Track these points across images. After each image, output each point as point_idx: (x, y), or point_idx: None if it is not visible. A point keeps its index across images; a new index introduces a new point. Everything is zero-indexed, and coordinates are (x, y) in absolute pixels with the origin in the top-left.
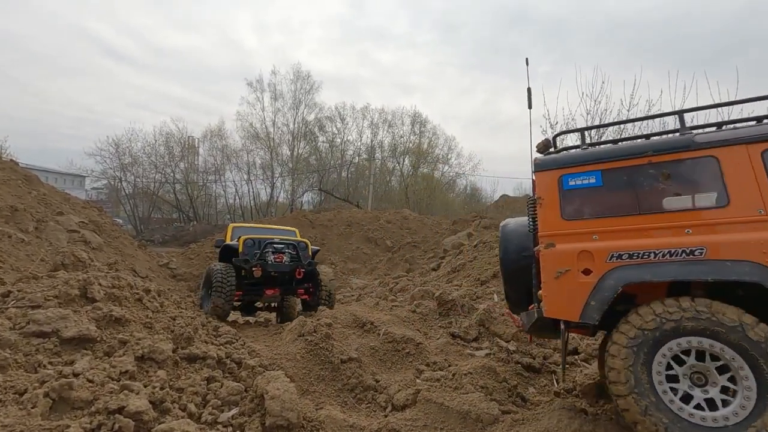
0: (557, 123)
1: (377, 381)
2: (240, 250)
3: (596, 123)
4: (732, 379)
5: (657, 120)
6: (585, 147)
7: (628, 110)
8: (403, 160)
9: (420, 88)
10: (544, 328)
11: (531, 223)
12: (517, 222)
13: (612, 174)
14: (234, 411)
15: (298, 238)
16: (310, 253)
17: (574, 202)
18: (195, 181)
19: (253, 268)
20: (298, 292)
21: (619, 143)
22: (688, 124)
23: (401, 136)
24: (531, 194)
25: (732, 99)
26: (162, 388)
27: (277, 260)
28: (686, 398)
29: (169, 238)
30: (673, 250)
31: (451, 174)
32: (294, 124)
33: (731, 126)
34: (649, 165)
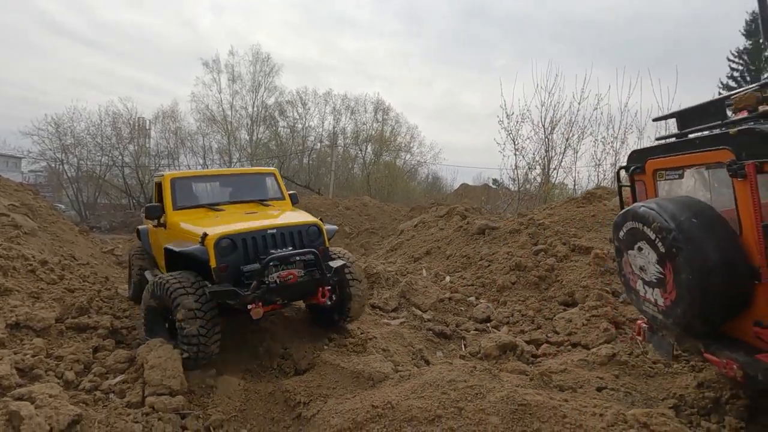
0: (513, 113)
1: (286, 349)
2: (213, 264)
3: (550, 114)
4: None
5: None
6: None
7: (579, 103)
8: (366, 148)
9: (383, 77)
10: None
11: None
12: (707, 220)
13: None
14: (119, 378)
15: (305, 219)
16: (327, 240)
17: None
18: (146, 164)
19: (250, 307)
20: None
21: None
22: None
23: (364, 124)
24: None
25: (671, 96)
26: (35, 356)
27: (287, 279)
28: None
29: (117, 225)
30: None
31: (412, 162)
32: (253, 107)
33: None
34: None
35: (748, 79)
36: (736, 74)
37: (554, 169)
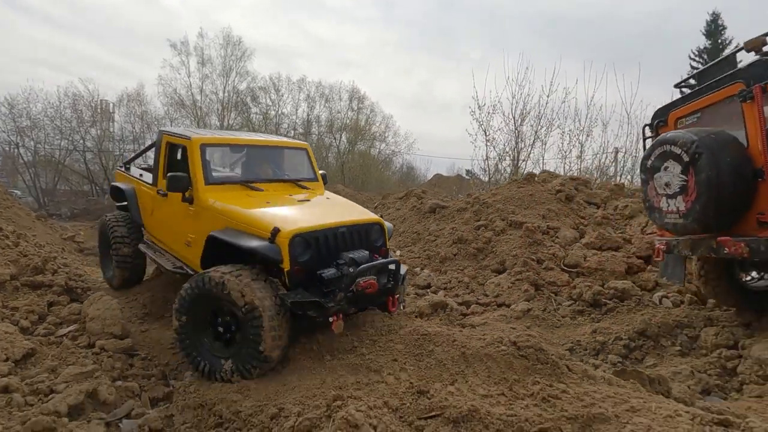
0: (485, 105)
1: None
2: (287, 266)
3: (520, 106)
4: None
5: None
6: None
7: (548, 96)
8: (341, 136)
9: (358, 65)
10: None
11: None
12: (720, 136)
13: None
14: (72, 327)
15: (369, 216)
16: (387, 240)
17: None
18: (110, 150)
19: (331, 320)
20: None
21: None
22: None
23: (339, 112)
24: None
25: (634, 91)
26: None
27: (366, 288)
28: None
29: (79, 212)
30: None
31: (387, 152)
32: (224, 92)
33: None
34: None
35: None
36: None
37: (523, 160)
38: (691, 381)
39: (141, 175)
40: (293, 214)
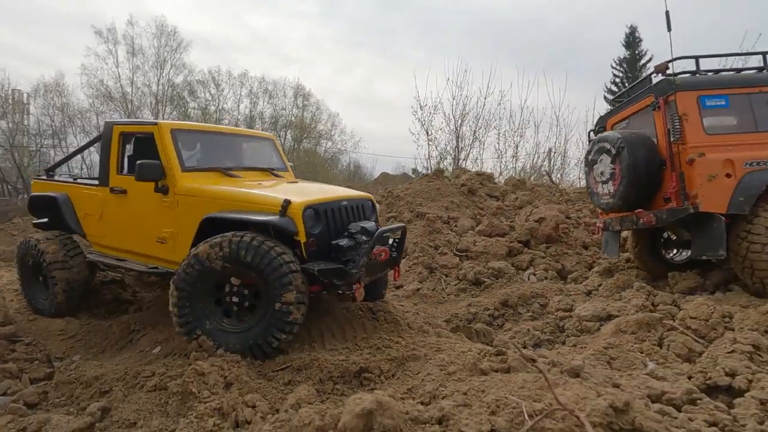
0: (426, 105)
1: (134, 295)
2: (302, 238)
3: (460, 106)
4: None
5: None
6: (702, 72)
7: (485, 98)
8: (286, 134)
9: (299, 60)
10: (680, 221)
11: (675, 135)
12: (638, 135)
13: (736, 98)
14: None
15: (359, 193)
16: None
17: (711, 120)
18: (24, 145)
19: (355, 287)
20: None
21: (741, 73)
22: None
23: (283, 109)
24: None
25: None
26: None
27: (379, 256)
28: None
29: None
30: None
31: (333, 150)
32: (158, 85)
33: None
34: (760, 93)
35: (626, 84)
36: (617, 80)
37: (464, 159)
38: (526, 337)
39: (76, 179)
40: (293, 190)
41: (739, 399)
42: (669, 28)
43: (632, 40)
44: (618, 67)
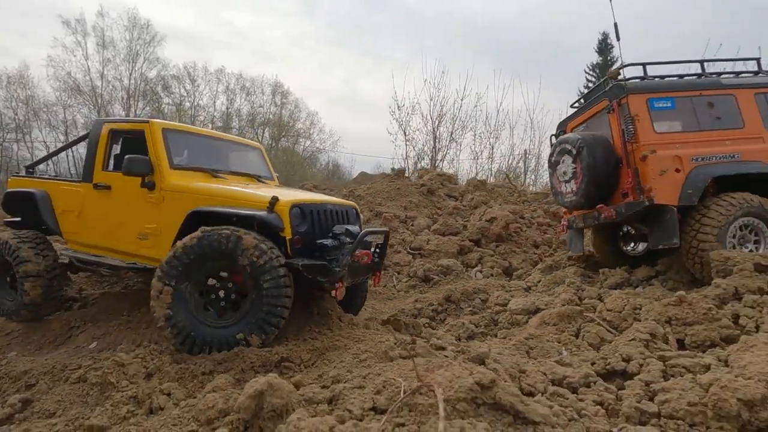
0: (404, 105)
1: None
2: (288, 234)
3: (438, 108)
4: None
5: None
6: (651, 78)
7: (462, 100)
8: (263, 132)
9: (278, 58)
10: (637, 214)
11: (629, 135)
12: (596, 136)
13: (681, 101)
14: None
15: (344, 200)
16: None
17: (660, 120)
18: None
19: (337, 286)
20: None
21: (684, 78)
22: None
23: (261, 106)
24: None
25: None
26: None
27: (361, 259)
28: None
29: None
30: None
31: (312, 149)
32: (130, 80)
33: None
34: (700, 96)
35: None
36: (590, 84)
37: (441, 160)
38: (461, 330)
39: (56, 175)
40: (280, 192)
41: (629, 381)
42: (618, 38)
43: (605, 47)
44: (591, 72)
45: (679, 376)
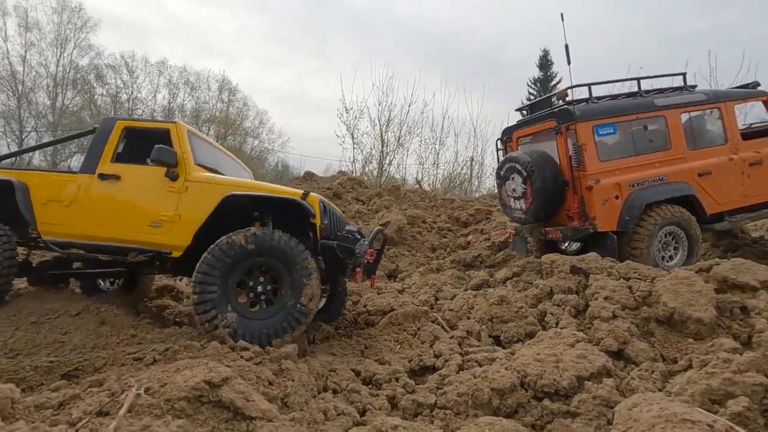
0: (352, 108)
1: None
2: (319, 221)
3: (386, 112)
4: (676, 247)
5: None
6: (594, 100)
7: (409, 106)
8: (209, 129)
9: (224, 53)
10: (584, 239)
11: (577, 163)
12: (544, 158)
13: (621, 125)
14: None
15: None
16: None
17: (604, 147)
18: None
19: (357, 270)
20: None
21: (623, 100)
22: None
23: (206, 102)
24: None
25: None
26: None
27: (370, 258)
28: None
29: None
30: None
31: (260, 149)
32: (58, 66)
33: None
34: (637, 120)
35: None
36: (532, 97)
37: (388, 164)
38: (317, 332)
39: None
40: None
41: (431, 375)
42: (569, 62)
43: (545, 62)
44: (533, 86)
45: (468, 370)
